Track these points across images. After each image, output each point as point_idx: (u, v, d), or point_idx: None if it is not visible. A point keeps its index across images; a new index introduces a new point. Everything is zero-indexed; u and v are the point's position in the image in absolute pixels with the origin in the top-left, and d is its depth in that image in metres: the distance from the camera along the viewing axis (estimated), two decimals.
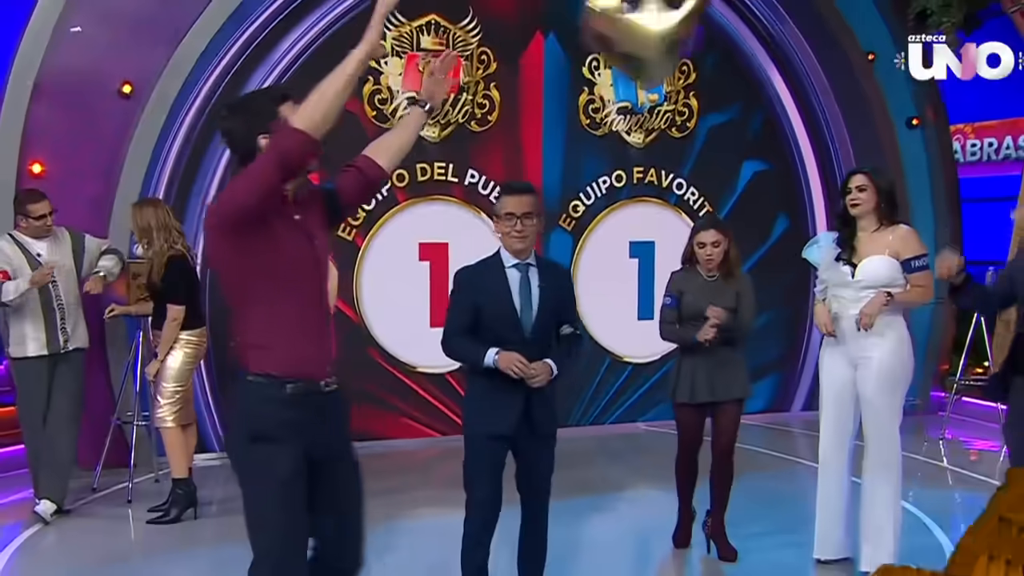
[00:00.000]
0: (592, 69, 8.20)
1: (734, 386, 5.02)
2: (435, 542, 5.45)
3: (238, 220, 2.70)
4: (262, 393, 2.76)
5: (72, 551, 5.22)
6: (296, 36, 7.26)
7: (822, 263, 4.89)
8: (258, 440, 2.74)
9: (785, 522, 5.65)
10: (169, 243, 5.59)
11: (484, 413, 4.03)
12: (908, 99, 8.96)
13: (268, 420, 2.75)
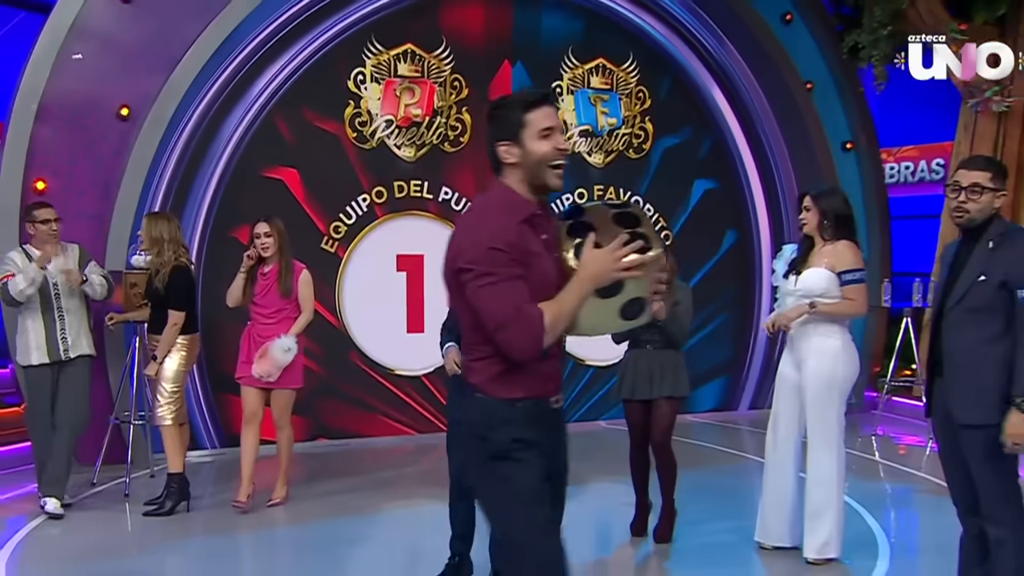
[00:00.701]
0: (556, 95, 8.23)
1: (667, 385, 5.05)
2: (412, 530, 5.53)
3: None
4: (497, 412, 2.53)
5: (73, 542, 5.17)
6: (281, 64, 7.27)
7: (778, 275, 5.00)
8: (497, 459, 2.53)
9: (731, 511, 5.66)
10: (176, 255, 5.63)
11: (454, 403, 4.37)
12: (844, 124, 9.12)
13: (505, 439, 2.53)
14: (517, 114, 2.52)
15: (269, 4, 7.00)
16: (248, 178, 7.25)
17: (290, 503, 5.86)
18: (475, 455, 2.58)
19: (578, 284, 2.45)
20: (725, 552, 5.02)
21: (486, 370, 2.53)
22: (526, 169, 2.52)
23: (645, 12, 8.49)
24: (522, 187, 2.54)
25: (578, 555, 5.01)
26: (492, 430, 2.51)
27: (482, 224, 2.47)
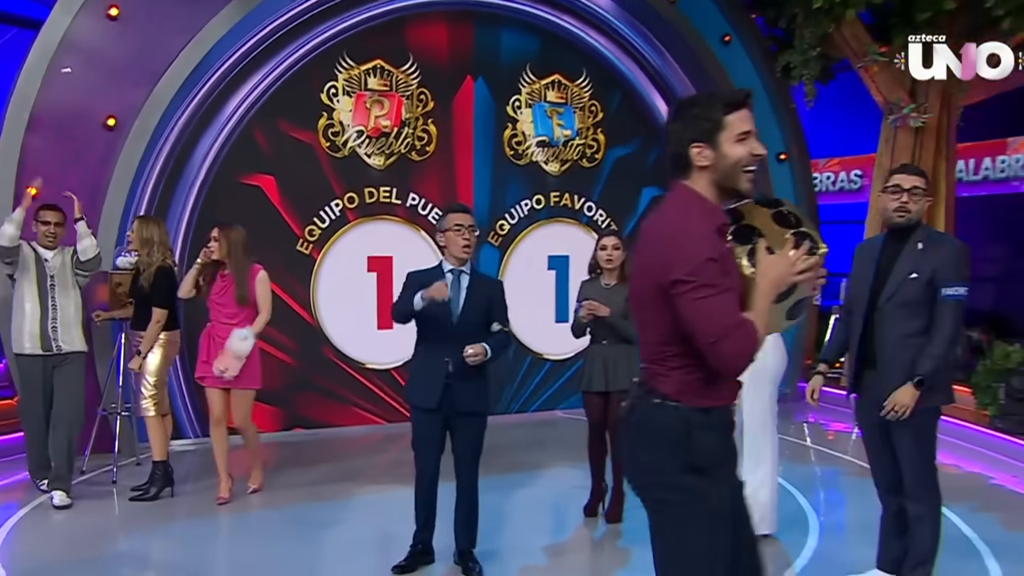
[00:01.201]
0: (515, 108, 8.33)
1: (622, 378, 5.07)
2: (382, 514, 5.55)
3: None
4: (695, 419, 2.35)
5: (64, 526, 5.19)
6: (258, 78, 7.26)
7: None
8: (695, 472, 2.33)
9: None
10: (163, 256, 5.68)
11: (415, 388, 4.39)
12: (778, 137, 9.11)
13: (705, 447, 2.35)
14: (716, 115, 2.32)
15: (247, 22, 6.99)
16: (227, 185, 7.22)
17: (267, 489, 5.87)
18: (667, 463, 2.35)
19: (764, 292, 2.31)
20: None
21: (683, 379, 2.35)
22: (718, 172, 2.34)
23: (597, 32, 8.54)
24: (710, 190, 2.36)
25: (538, 535, 5.15)
26: (690, 436, 2.33)
27: (689, 232, 2.27)
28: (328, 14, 7.44)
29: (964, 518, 5.27)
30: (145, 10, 6.62)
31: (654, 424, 2.38)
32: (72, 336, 5.59)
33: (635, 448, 2.43)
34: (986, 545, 4.88)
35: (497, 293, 4.42)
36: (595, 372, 5.16)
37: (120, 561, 4.75)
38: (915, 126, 8.72)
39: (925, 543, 3.90)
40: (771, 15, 9.00)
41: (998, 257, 11.57)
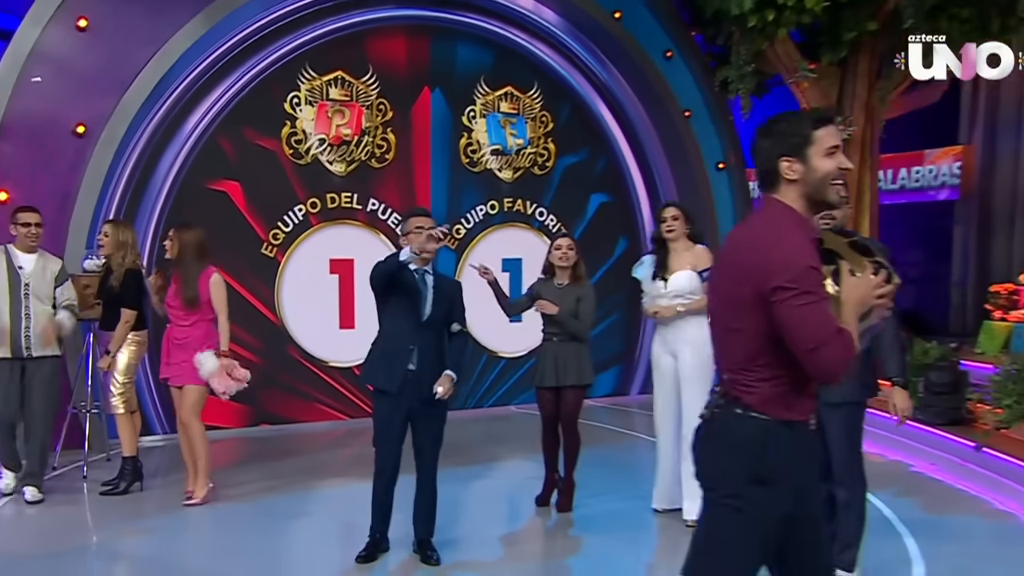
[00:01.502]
0: (470, 118, 8.41)
1: (572, 374, 5.13)
2: (344, 505, 5.54)
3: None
4: (775, 432, 2.30)
5: (36, 520, 5.15)
6: (224, 87, 7.29)
7: (645, 280, 5.08)
8: (760, 483, 2.28)
9: (625, 483, 5.77)
10: (132, 259, 5.65)
11: (376, 371, 4.33)
12: (717, 147, 9.26)
13: (777, 462, 2.29)
14: (805, 130, 2.32)
15: (212, 34, 7.02)
16: (194, 190, 7.23)
17: (234, 482, 5.82)
18: (738, 471, 2.31)
19: (852, 310, 2.30)
20: (622, 517, 5.16)
21: (769, 392, 2.31)
22: (808, 185, 2.33)
23: (547, 47, 8.66)
24: (800, 203, 2.35)
25: (493, 525, 5.21)
26: (767, 448, 2.29)
27: (788, 240, 2.25)
28: (291, 27, 7.50)
29: (887, 502, 5.39)
30: (113, 22, 6.62)
31: (734, 433, 2.34)
32: (46, 342, 5.46)
33: (711, 455, 2.40)
34: (905, 526, 5.00)
35: (457, 293, 4.46)
36: (547, 369, 5.18)
37: (91, 554, 4.74)
38: (842, 138, 9.03)
39: (851, 527, 4.00)
40: (710, 33, 9.20)
41: (917, 261, 11.90)
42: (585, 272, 5.35)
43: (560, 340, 5.18)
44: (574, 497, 5.31)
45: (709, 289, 2.57)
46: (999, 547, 4.82)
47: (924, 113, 10.30)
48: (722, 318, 2.41)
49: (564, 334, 5.17)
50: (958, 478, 6.19)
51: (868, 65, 9.00)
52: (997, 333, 8.59)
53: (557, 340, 5.18)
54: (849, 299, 2.31)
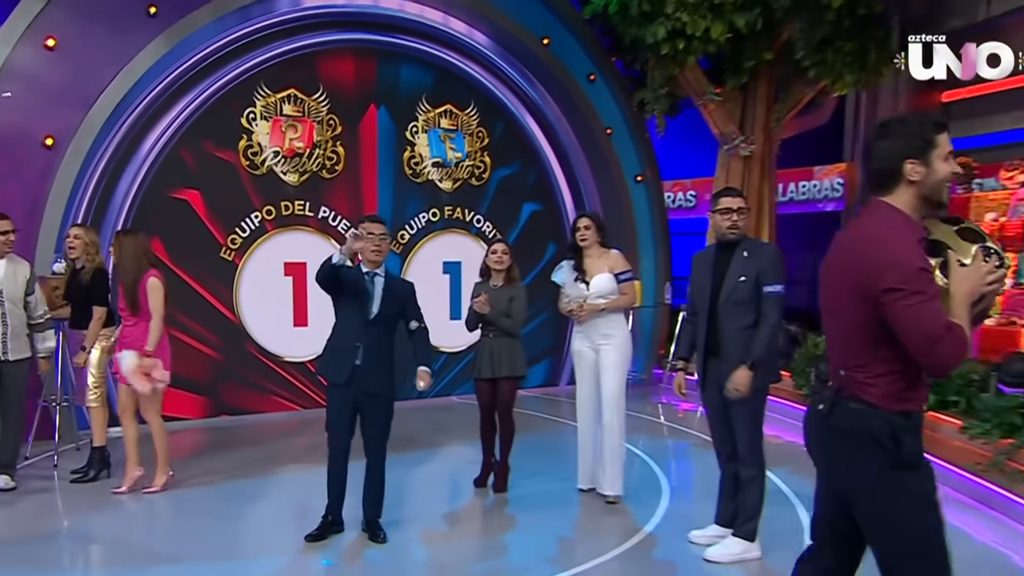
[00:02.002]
0: (413, 133, 8.49)
1: (506, 367, 5.26)
2: (300, 489, 5.58)
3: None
4: (899, 423, 2.30)
5: (9, 507, 5.11)
6: (185, 103, 7.29)
7: (566, 283, 5.16)
8: (903, 468, 2.31)
9: (556, 465, 5.88)
10: (100, 259, 5.64)
11: (328, 365, 4.47)
12: (635, 161, 9.47)
13: (913, 449, 2.32)
14: (928, 134, 2.32)
15: (173, 53, 7.03)
16: (157, 199, 7.23)
17: (197, 470, 5.81)
18: (873, 464, 2.33)
19: (962, 301, 2.26)
20: (551, 496, 5.31)
21: (888, 387, 2.32)
22: (926, 187, 2.33)
23: (482, 69, 8.77)
24: (913, 204, 2.35)
25: (435, 505, 5.36)
26: (900, 442, 2.30)
27: (898, 242, 2.26)
28: (247, 48, 7.54)
29: (783, 479, 5.57)
30: (80, 41, 6.61)
31: (859, 429, 2.33)
32: (20, 344, 5.41)
33: (841, 454, 2.40)
34: (799, 500, 5.17)
35: (409, 294, 4.56)
36: (483, 362, 5.29)
37: (62, 537, 4.76)
38: (744, 155, 9.31)
39: (753, 500, 4.17)
40: (628, 59, 9.39)
41: (808, 264, 12.04)
42: (518, 275, 5.47)
43: (495, 336, 5.28)
44: (508, 479, 5.44)
45: (823, 290, 2.50)
46: None
47: (814, 133, 10.77)
48: (838, 317, 2.41)
49: (498, 330, 5.27)
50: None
51: (766, 90, 9.28)
52: None
53: (492, 336, 5.29)
54: (959, 291, 2.26)
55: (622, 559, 4.35)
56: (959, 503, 5.30)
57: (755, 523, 4.22)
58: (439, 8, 8.44)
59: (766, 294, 4.06)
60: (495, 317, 5.25)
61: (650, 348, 9.72)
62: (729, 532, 4.31)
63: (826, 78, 8.69)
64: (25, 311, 5.47)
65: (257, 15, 7.51)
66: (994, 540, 4.70)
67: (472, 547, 4.68)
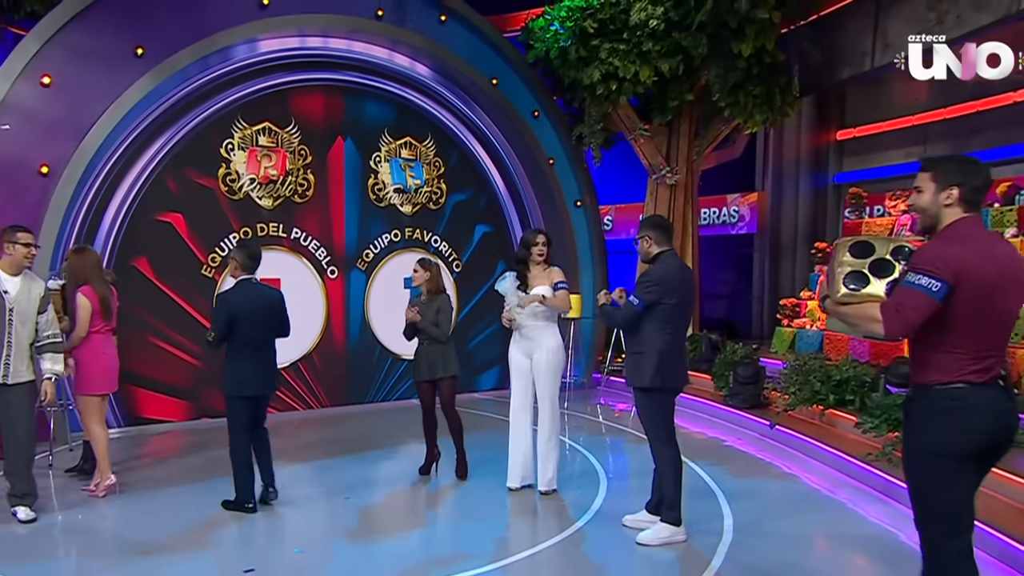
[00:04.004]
0: (376, 162, 8.58)
1: (440, 368, 5.41)
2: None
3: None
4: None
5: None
6: (169, 135, 7.35)
7: (508, 292, 5.10)
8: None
9: (502, 462, 5.47)
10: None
11: (244, 381, 4.81)
12: (575, 188, 9.62)
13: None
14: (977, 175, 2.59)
15: (159, 90, 7.08)
16: (143, 221, 7.27)
17: (185, 467, 5.77)
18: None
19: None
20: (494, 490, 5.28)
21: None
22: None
23: (439, 105, 8.92)
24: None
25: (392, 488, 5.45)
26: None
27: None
28: (226, 85, 7.64)
29: (706, 470, 5.75)
30: (74, 79, 6.64)
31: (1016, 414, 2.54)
32: (23, 368, 4.69)
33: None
34: (719, 488, 5.33)
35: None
36: (422, 366, 5.45)
37: (57, 531, 4.72)
38: (670, 183, 9.62)
39: (669, 490, 4.26)
40: (568, 98, 9.57)
41: (728, 280, 12.62)
42: (442, 287, 5.57)
43: (429, 343, 5.42)
44: (468, 465, 5.60)
45: (1014, 289, 2.60)
46: (787, 502, 5.19)
47: (731, 165, 11.26)
48: (1014, 313, 2.59)
49: (431, 338, 5.41)
50: (758, 449, 6.53)
51: (688, 126, 9.58)
52: (785, 336, 9.01)
53: (427, 343, 5.44)
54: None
55: (562, 544, 4.38)
56: (854, 488, 5.49)
57: (676, 513, 4.28)
58: (406, 54, 8.52)
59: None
60: (425, 326, 5.37)
61: (589, 354, 9.86)
62: (658, 519, 4.39)
63: (739, 117, 9.02)
64: (35, 331, 4.77)
65: (235, 56, 7.60)
66: (883, 520, 4.86)
67: (415, 537, 4.65)
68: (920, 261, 2.54)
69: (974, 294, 2.48)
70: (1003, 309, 2.55)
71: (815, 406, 6.77)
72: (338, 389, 8.52)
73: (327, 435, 7.29)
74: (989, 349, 2.52)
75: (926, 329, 2.51)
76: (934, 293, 2.47)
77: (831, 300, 2.72)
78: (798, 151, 11.19)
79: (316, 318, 8.38)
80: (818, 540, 4.65)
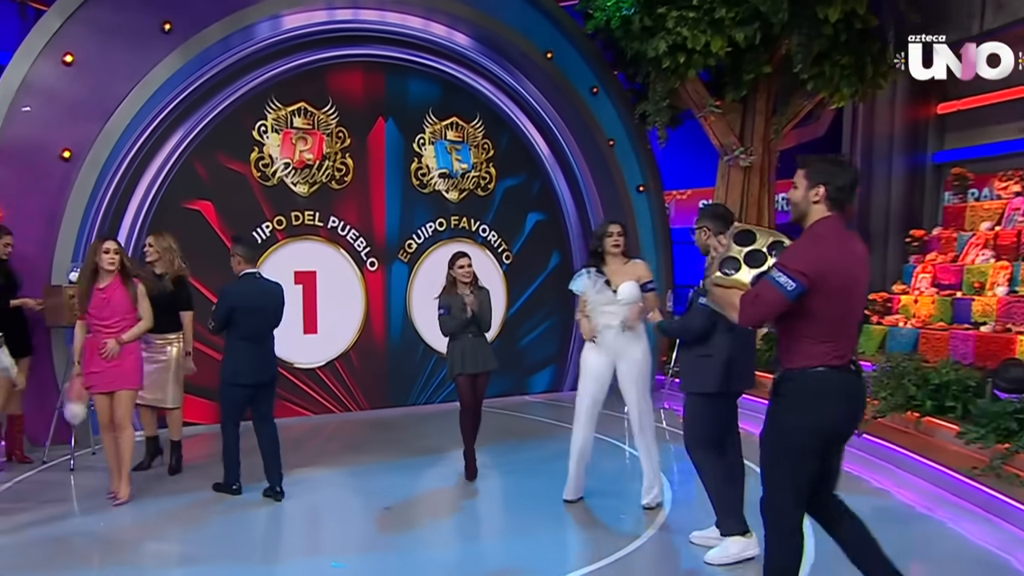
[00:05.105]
0: (420, 145, 8.55)
1: (482, 362, 5.63)
2: (308, 492, 5.59)
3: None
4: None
5: (27, 509, 5.17)
6: (198, 116, 7.35)
7: (587, 290, 4.90)
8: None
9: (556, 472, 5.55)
10: (180, 264, 5.85)
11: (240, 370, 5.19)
12: (637, 172, 9.44)
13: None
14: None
15: (188, 68, 7.08)
16: (171, 209, 7.28)
17: (208, 474, 5.75)
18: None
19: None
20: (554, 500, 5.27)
21: None
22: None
23: (487, 82, 8.84)
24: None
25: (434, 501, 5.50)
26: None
27: None
28: (259, 63, 7.62)
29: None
30: (97, 57, 6.67)
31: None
32: None
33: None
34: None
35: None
36: (467, 358, 5.67)
37: (78, 539, 4.76)
38: (744, 166, 9.39)
39: (714, 496, 4.26)
40: (630, 72, 9.46)
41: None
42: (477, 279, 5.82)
43: (474, 336, 5.69)
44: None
45: (861, 289, 3.06)
46: (877, 521, 4.78)
47: (813, 145, 10.83)
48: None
49: (478, 329, 5.69)
50: (843, 461, 6.51)
51: (765, 102, 9.34)
52: (875, 335, 8.80)
53: (471, 336, 5.68)
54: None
55: (623, 562, 4.31)
56: (955, 506, 5.32)
57: (729, 519, 4.19)
58: (444, 23, 8.48)
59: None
60: (482, 315, 5.64)
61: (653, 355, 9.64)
62: (739, 538, 4.25)
63: (824, 90, 8.77)
64: None
65: (268, 31, 7.58)
66: (989, 542, 4.71)
67: (463, 552, 4.66)
68: (786, 260, 2.98)
69: (833, 290, 2.94)
70: (855, 303, 3.06)
71: (910, 413, 6.63)
72: (378, 390, 8.49)
73: (366, 439, 7.31)
74: (845, 338, 3.02)
75: (793, 320, 2.98)
76: (788, 292, 2.91)
77: (709, 280, 3.20)
78: (892, 127, 10.73)
79: (354, 314, 8.35)
80: (914, 565, 4.46)
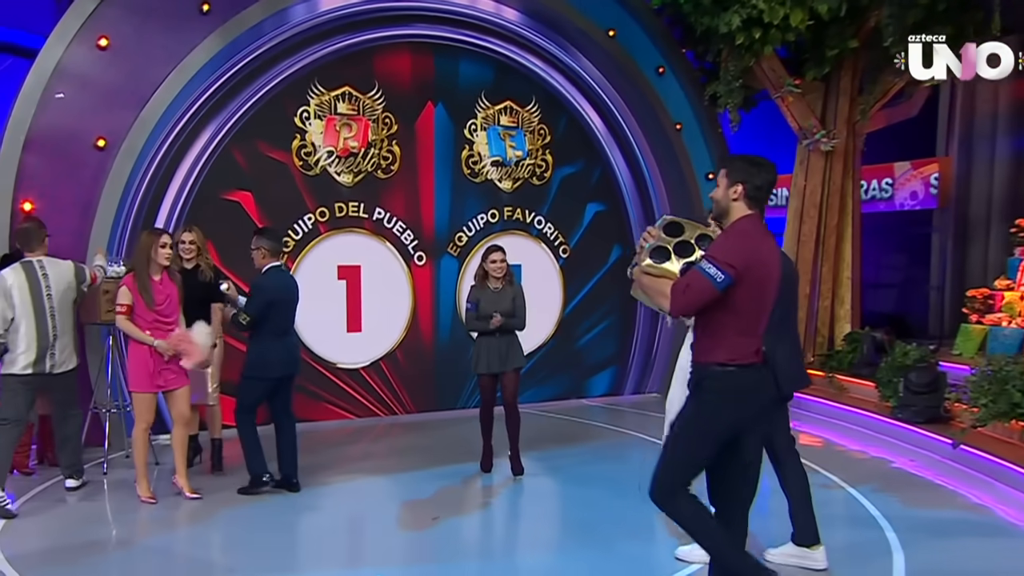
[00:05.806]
0: (471, 131, 8.45)
1: (511, 360, 5.81)
2: (353, 499, 5.65)
3: None
4: None
5: (58, 513, 5.22)
6: (238, 103, 7.33)
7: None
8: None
9: (621, 481, 5.72)
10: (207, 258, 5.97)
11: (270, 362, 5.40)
12: (706, 158, 9.28)
13: None
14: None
15: (227, 52, 7.08)
16: (209, 200, 7.28)
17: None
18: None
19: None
20: (620, 511, 5.25)
21: None
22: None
23: (544, 63, 8.69)
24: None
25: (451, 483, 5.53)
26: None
27: None
28: (301, 45, 7.56)
29: (868, 497, 5.50)
30: (133, 40, 6.69)
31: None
32: (67, 356, 5.32)
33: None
34: (886, 520, 5.07)
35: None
36: (491, 356, 5.84)
37: (111, 546, 4.78)
38: (825, 150, 9.06)
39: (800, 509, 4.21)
40: (700, 50, 9.25)
41: (898, 266, 11.91)
42: (513, 275, 6.09)
43: (500, 334, 5.84)
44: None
45: (786, 286, 3.30)
46: (975, 539, 4.90)
47: (903, 127, 10.36)
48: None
49: (504, 328, 5.83)
50: (936, 474, 6.25)
51: (850, 81, 9.04)
52: (973, 335, 8.55)
53: (498, 334, 5.84)
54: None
55: None
56: None
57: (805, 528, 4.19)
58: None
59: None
60: (512, 324, 5.83)
61: None
62: (806, 549, 4.24)
63: None
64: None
65: (311, 11, 7.51)
66: None
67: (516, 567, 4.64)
68: (715, 252, 3.15)
69: (753, 284, 3.14)
70: (769, 299, 3.23)
71: (1014, 422, 6.41)
72: (425, 392, 8.41)
73: (412, 444, 7.26)
74: (759, 331, 3.20)
75: (715, 312, 3.14)
76: (718, 283, 3.08)
77: (637, 268, 3.36)
78: (995, 106, 10.23)
79: (401, 311, 8.27)
80: None
